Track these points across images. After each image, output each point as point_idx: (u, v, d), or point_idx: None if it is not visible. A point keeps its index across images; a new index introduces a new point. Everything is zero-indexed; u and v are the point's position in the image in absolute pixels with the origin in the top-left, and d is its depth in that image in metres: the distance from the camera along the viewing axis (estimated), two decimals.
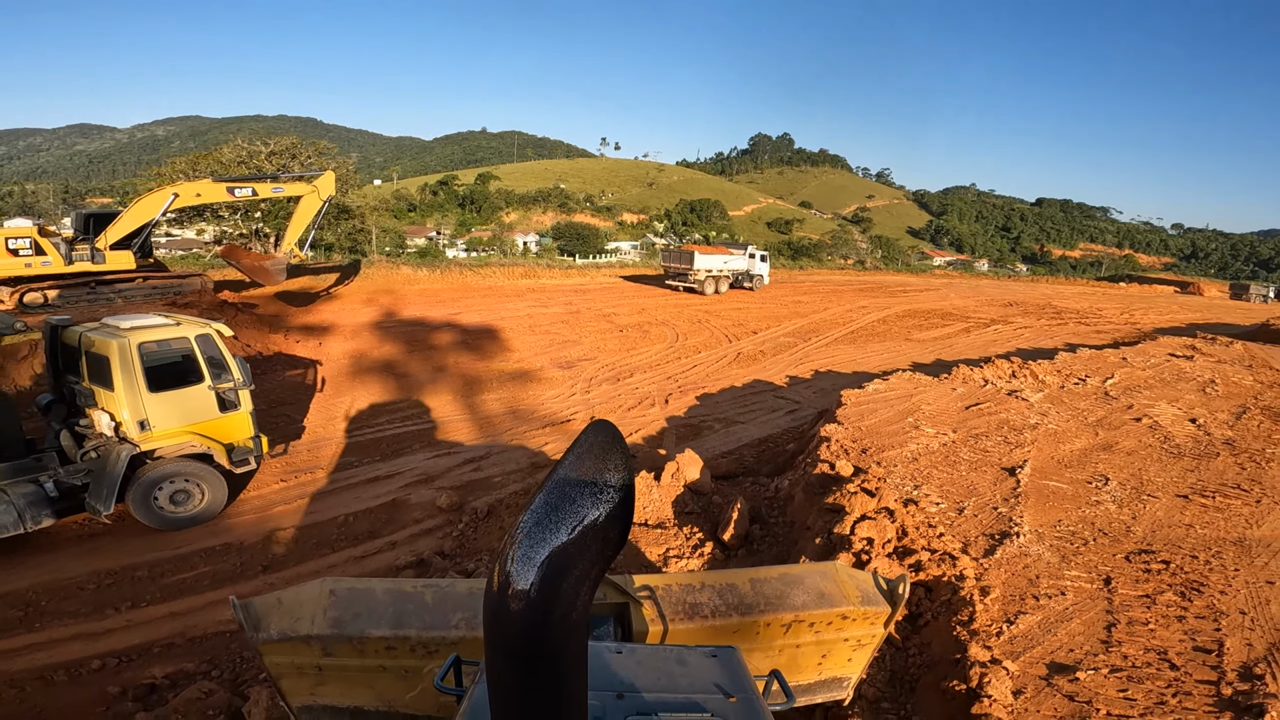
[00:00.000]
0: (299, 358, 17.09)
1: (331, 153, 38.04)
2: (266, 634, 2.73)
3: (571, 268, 42.43)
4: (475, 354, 18.35)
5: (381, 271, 32.42)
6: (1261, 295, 57.86)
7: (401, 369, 16.45)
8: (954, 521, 6.34)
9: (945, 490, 6.98)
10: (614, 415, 13.74)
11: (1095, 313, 39.39)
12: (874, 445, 8.08)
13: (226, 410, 8.80)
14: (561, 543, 1.07)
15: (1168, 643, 4.88)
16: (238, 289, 24.89)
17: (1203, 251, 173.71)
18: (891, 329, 27.07)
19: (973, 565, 5.54)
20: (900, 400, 10.17)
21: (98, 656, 6.46)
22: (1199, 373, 15.11)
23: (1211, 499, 7.41)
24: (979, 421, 9.37)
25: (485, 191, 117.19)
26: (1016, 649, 4.78)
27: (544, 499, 1.11)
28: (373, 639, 2.72)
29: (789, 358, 20.08)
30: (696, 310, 28.24)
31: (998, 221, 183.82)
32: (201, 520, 8.75)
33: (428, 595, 2.92)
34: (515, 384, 15.76)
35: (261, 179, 21.22)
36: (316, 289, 28.51)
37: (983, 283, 60.71)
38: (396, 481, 10.42)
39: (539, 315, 24.86)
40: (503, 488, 10.31)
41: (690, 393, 15.42)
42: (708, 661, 2.15)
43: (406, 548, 8.70)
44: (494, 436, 12.39)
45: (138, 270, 18.64)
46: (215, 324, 8.75)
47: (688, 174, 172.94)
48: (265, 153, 34.92)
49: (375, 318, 22.73)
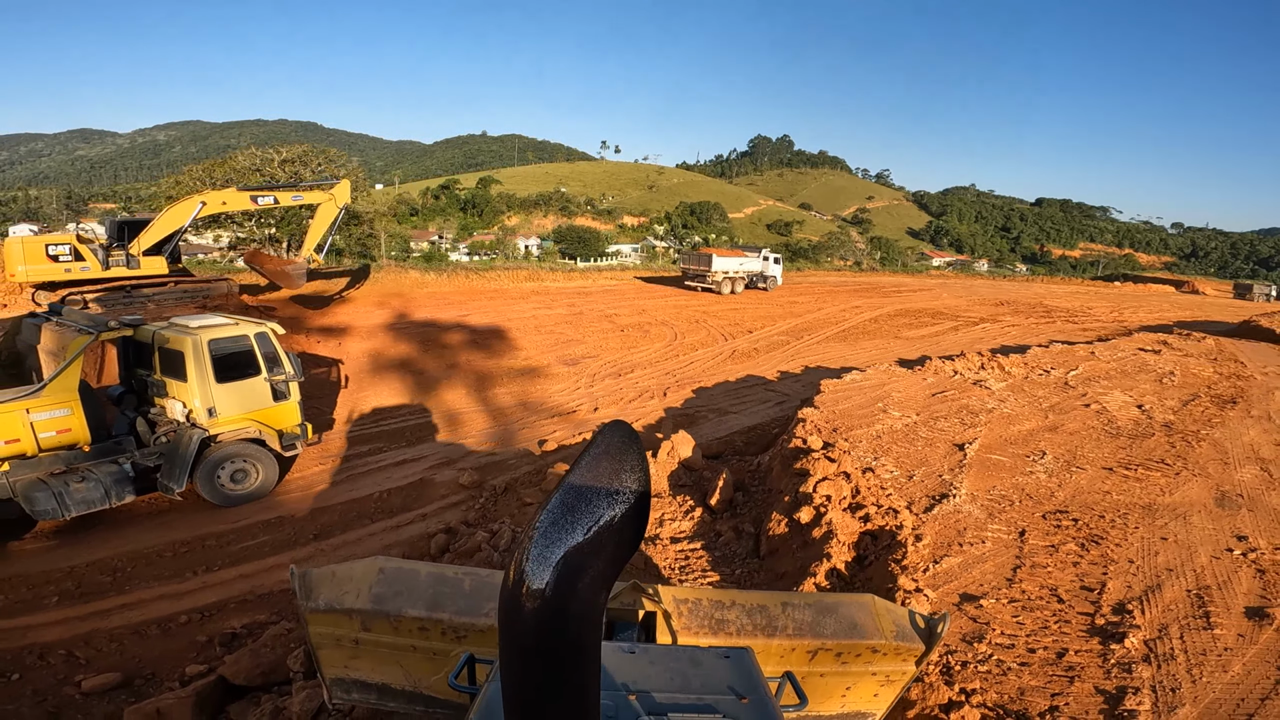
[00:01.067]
0: (322, 356, 18.30)
1: (340, 160, 39.33)
2: (315, 603, 2.88)
3: (574, 271, 43.66)
4: (485, 352, 19.56)
5: (390, 275, 33.64)
6: (1265, 294, 58.02)
7: (417, 366, 17.66)
8: (903, 485, 7.52)
9: (900, 461, 8.16)
10: (616, 407, 14.95)
11: (1085, 311, 40.37)
12: (844, 425, 9.26)
13: (279, 400, 10.00)
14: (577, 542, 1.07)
15: (1060, 582, 6.04)
16: (255, 293, 26.13)
17: (1202, 250, 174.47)
18: (882, 328, 28.22)
19: (912, 519, 6.71)
20: (874, 389, 11.36)
21: (184, 612, 7.57)
22: (1161, 365, 16.25)
23: (1134, 471, 8.59)
24: (941, 406, 10.55)
25: (487, 195, 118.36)
26: (937, 582, 5.95)
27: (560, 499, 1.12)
28: (408, 618, 2.82)
29: (781, 355, 21.27)
30: (695, 311, 29.44)
31: (997, 222, 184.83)
32: (257, 497, 9.97)
33: (466, 582, 3.04)
34: (524, 379, 16.97)
35: (283, 188, 22.44)
36: (330, 292, 29.73)
37: (976, 283, 61.68)
38: (422, 464, 11.62)
39: (544, 316, 26.07)
40: (517, 468, 11.50)
41: (687, 386, 16.63)
42: (721, 662, 2.16)
43: (436, 519, 9.88)
44: (507, 425, 13.59)
45: (169, 275, 19.87)
46: (270, 323, 9.96)
47: (688, 176, 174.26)
48: (277, 160, 36.20)
49: (388, 319, 23.95)
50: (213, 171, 34.33)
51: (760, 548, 7.35)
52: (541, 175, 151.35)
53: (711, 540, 7.84)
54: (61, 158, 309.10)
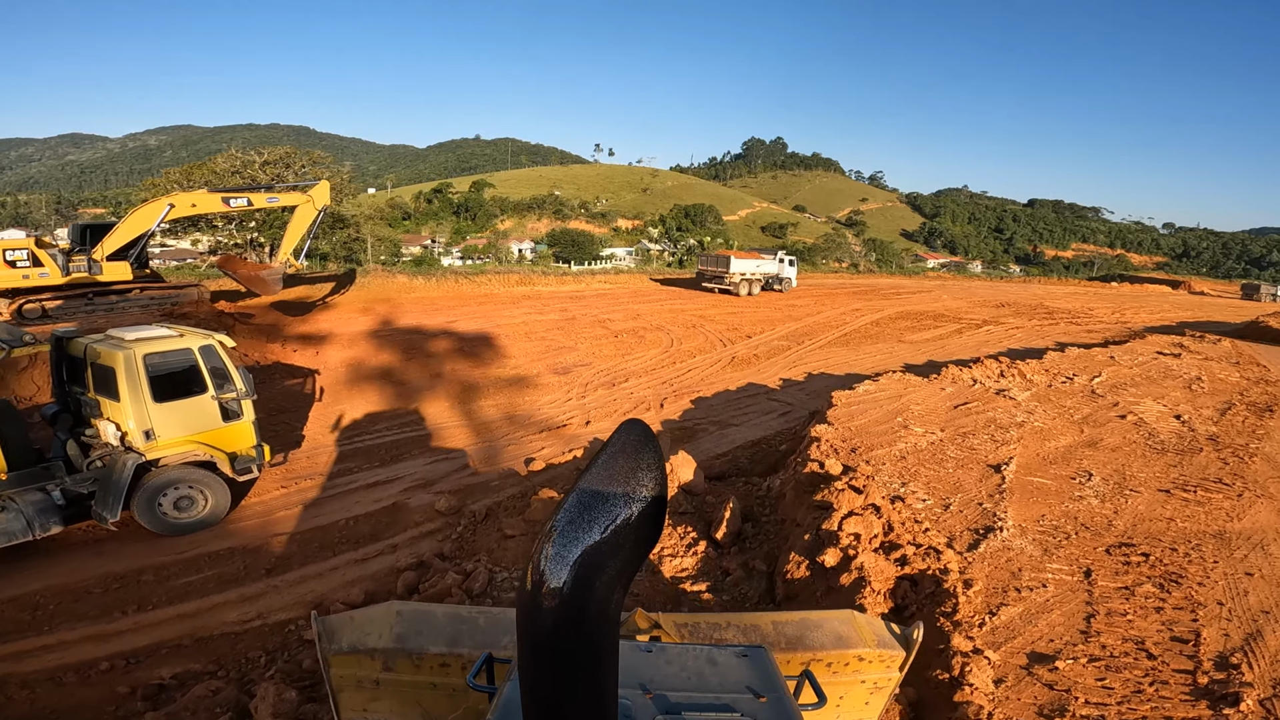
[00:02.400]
0: (297, 367, 17.22)
1: (326, 162, 38.25)
2: (338, 646, 2.90)
3: (567, 275, 42.66)
4: (472, 361, 18.51)
5: (377, 280, 32.57)
6: (1272, 294, 58.44)
7: (399, 377, 16.60)
8: (940, 517, 6.52)
9: (932, 487, 7.17)
10: (610, 420, 13.92)
11: (1087, 312, 39.76)
12: (863, 444, 8.27)
13: (230, 420, 8.94)
14: (594, 541, 1.08)
15: (1145, 633, 5.07)
16: (234, 299, 25.01)
17: (1194, 250, 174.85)
18: (885, 331, 27.32)
19: (957, 559, 5.72)
20: (890, 401, 10.38)
21: (107, 658, 6.62)
22: (1186, 370, 15.36)
23: (1193, 493, 7.62)
24: (966, 420, 9.58)
25: (480, 199, 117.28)
26: (998, 639, 4.96)
27: (577, 498, 1.13)
28: (430, 655, 2.89)
29: (783, 361, 20.29)
30: (691, 315, 28.46)
31: (990, 223, 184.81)
32: (206, 525, 8.91)
33: (481, 620, 3.11)
34: (512, 390, 15.92)
35: (257, 189, 21.42)
36: (313, 298, 28.64)
37: (975, 284, 61.07)
38: (396, 486, 10.56)
39: (535, 322, 25.03)
40: (500, 491, 10.46)
41: (685, 396, 15.62)
42: (738, 661, 2.15)
43: (407, 550, 8.84)
44: (491, 442, 12.54)
45: (134, 281, 18.78)
46: (218, 335, 8.90)
47: (682, 179, 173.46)
48: (259, 162, 35.09)
49: (372, 326, 22.87)
50: (191, 174, 33.25)
51: (775, 590, 6.35)
52: (535, 179, 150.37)
53: (718, 580, 6.84)
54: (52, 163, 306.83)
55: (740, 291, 36.42)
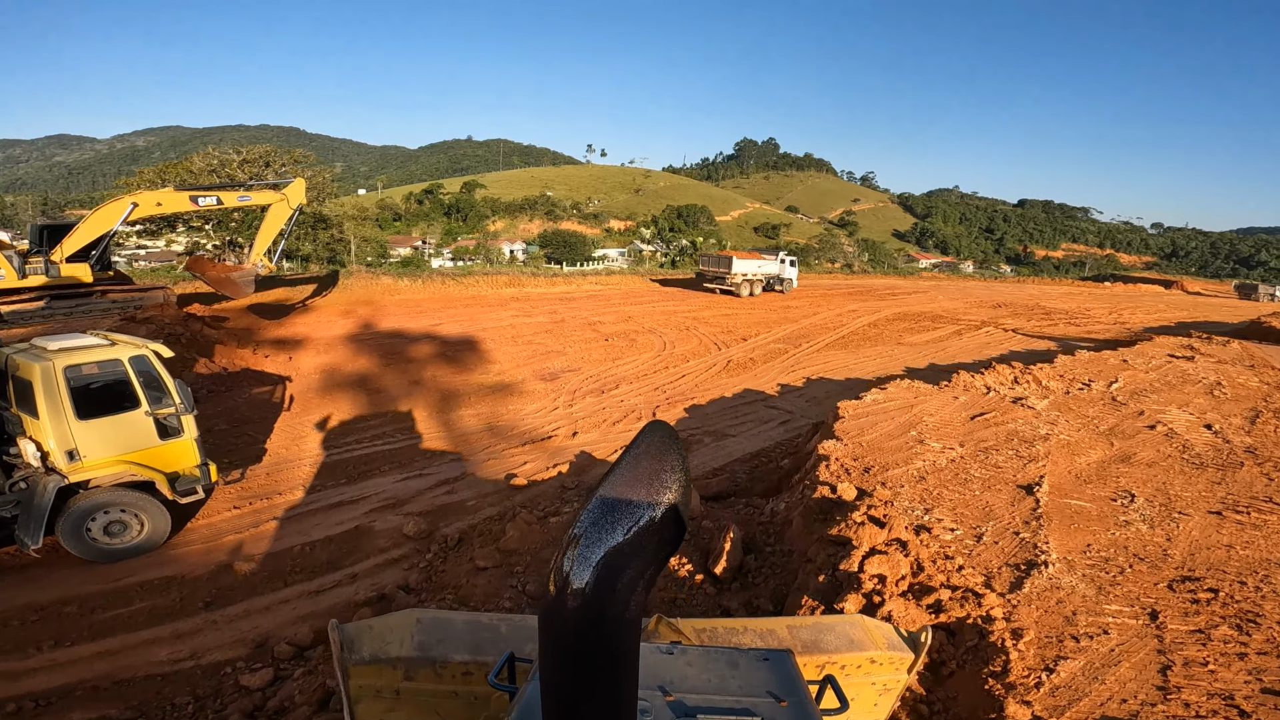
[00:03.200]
0: (267, 373, 16.24)
1: (308, 160, 37.17)
2: (359, 656, 2.82)
3: (558, 276, 41.73)
4: (454, 366, 17.58)
5: (361, 282, 31.57)
6: (1270, 294, 58.89)
7: (375, 384, 15.65)
8: (973, 550, 5.69)
9: (959, 514, 6.33)
10: (598, 431, 13.04)
11: (1084, 313, 39.31)
12: (877, 463, 7.43)
13: (168, 437, 8.00)
14: (617, 542, 1.07)
15: (1232, 685, 4.25)
16: (210, 302, 23.99)
17: (1183, 250, 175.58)
18: (883, 333, 26.58)
19: (1000, 603, 4.88)
20: (901, 411, 9.55)
21: (14, 699, 5.82)
22: (1203, 374, 14.65)
23: (1246, 514, 6.82)
24: (987, 433, 8.76)
25: (471, 200, 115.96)
26: (1060, 702, 4.12)
27: (600, 500, 1.12)
28: (453, 663, 2.84)
29: (780, 365, 19.46)
30: (684, 317, 27.62)
31: (981, 223, 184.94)
32: (142, 551, 7.99)
33: (503, 627, 3.07)
34: (494, 398, 15.00)
35: (227, 187, 20.42)
36: (292, 301, 27.63)
37: (970, 284, 60.70)
38: (361, 507, 9.64)
39: (522, 325, 24.11)
40: (476, 512, 9.55)
41: (678, 404, 14.74)
42: (759, 665, 2.11)
43: (368, 580, 7.94)
44: (470, 456, 11.63)
45: (95, 284, 17.75)
46: (153, 344, 7.96)
47: (674, 180, 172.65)
48: (238, 161, 33.99)
49: (352, 330, 21.89)
50: (165, 173, 32.11)
51: None
52: (527, 179, 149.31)
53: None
54: (39, 164, 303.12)
55: (742, 292, 36.17)
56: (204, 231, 33.90)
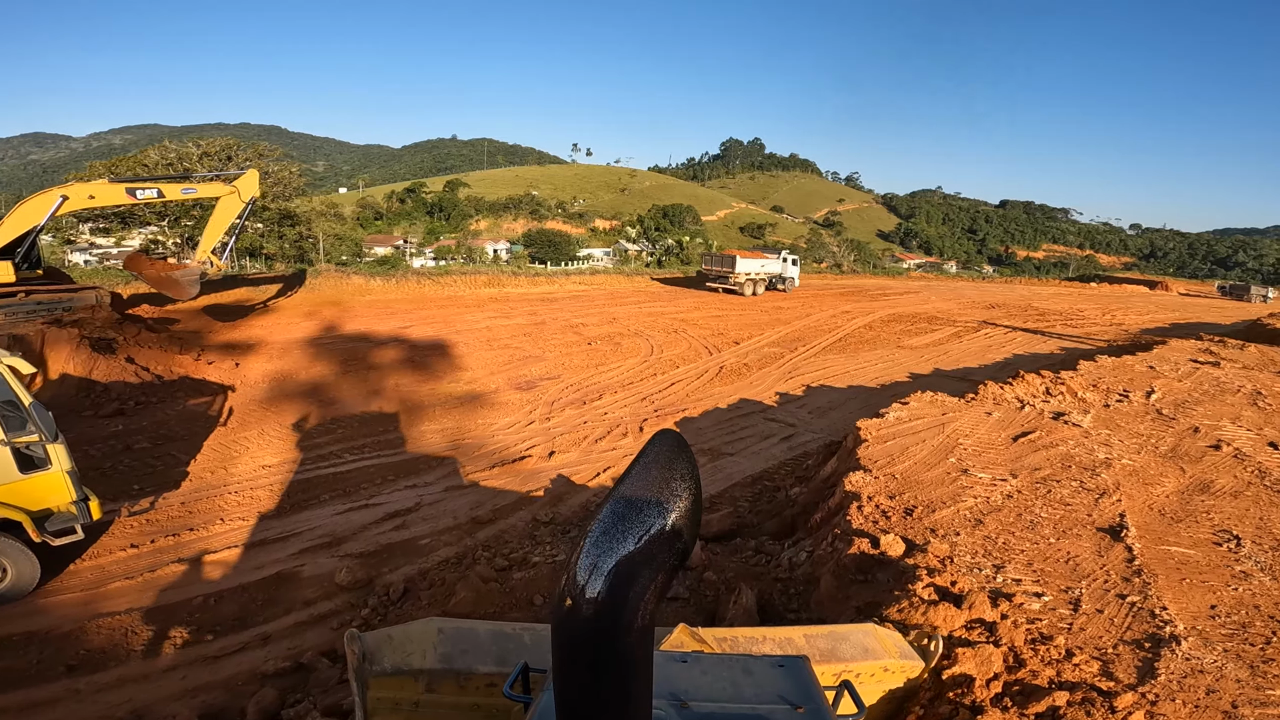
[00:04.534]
0: (208, 382, 14.52)
1: (274, 155, 35.25)
2: (380, 667, 2.70)
3: (539, 276, 40.09)
4: (420, 374, 15.95)
5: (329, 282, 29.79)
6: (1262, 296, 60.76)
7: (329, 394, 13.99)
8: (1073, 623, 4.27)
9: (1039, 571, 4.91)
10: (579, 450, 11.50)
11: (1077, 314, 38.61)
12: (919, 502, 6.01)
13: (32, 470, 6.39)
14: (628, 552, 1.06)
15: None
16: (162, 303, 22.14)
17: (1161, 251, 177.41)
18: (880, 335, 25.33)
19: (1136, 702, 3.46)
20: (931, 432, 8.14)
21: None
22: (1237, 383, 13.48)
23: None
24: (1037, 458, 7.38)
25: (454, 199, 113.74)
26: None
27: (611, 509, 1.11)
28: (478, 675, 2.76)
29: (776, 371, 18.06)
30: (672, 319, 26.16)
31: (964, 224, 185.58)
32: (4, 602, 6.44)
33: (526, 637, 2.98)
34: (463, 410, 13.41)
35: (169, 179, 18.63)
36: (253, 301, 25.82)
37: (959, 284, 60.08)
38: (290, 546, 8.04)
39: (499, 327, 22.51)
40: (430, 553, 8.01)
41: (668, 417, 13.24)
42: (774, 671, 2.07)
43: (283, 644, 6.38)
44: (428, 482, 10.05)
45: (17, 283, 15.93)
46: (7, 359, 6.33)
47: (660, 179, 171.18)
48: (197, 154, 32.05)
49: (312, 333, 20.16)
50: (116, 167, 30.12)
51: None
52: (512, 179, 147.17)
53: None
54: (14, 162, 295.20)
55: (745, 291, 35.95)
56: (159, 228, 31.91)
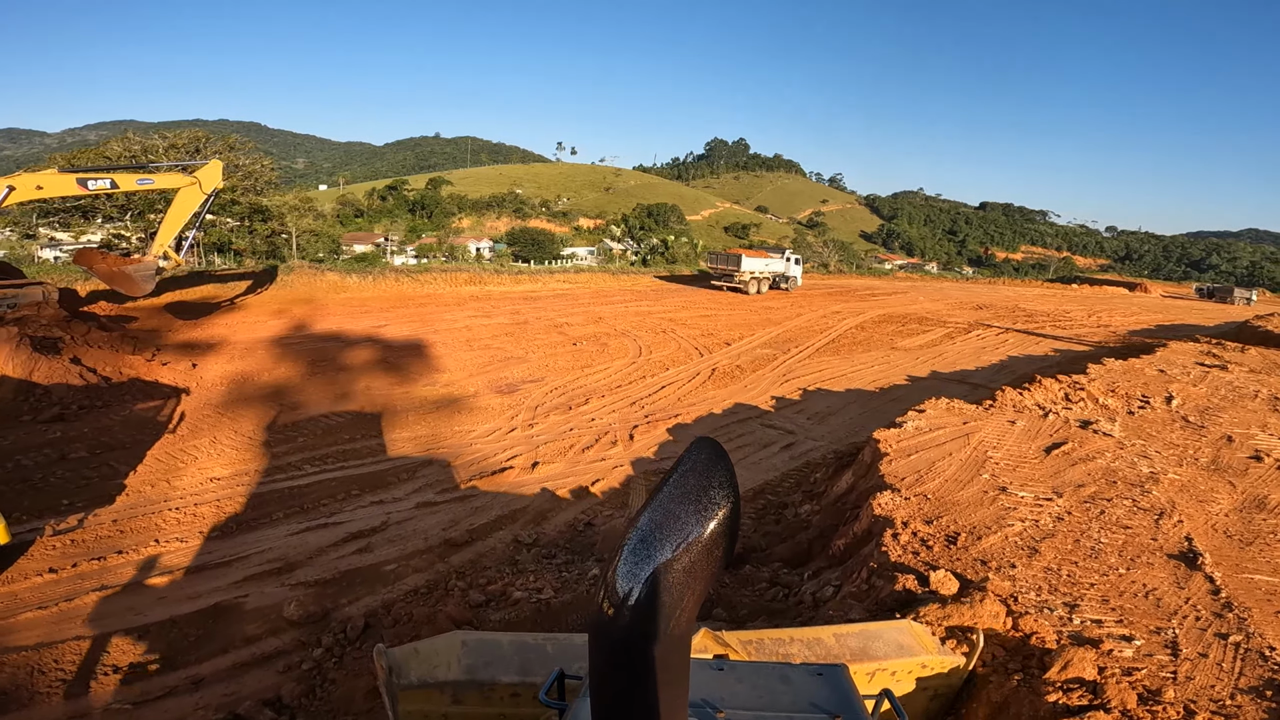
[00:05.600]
0: (161, 385, 13.41)
1: (245, 148, 33.84)
2: (406, 680, 2.72)
3: (522, 274, 39.03)
4: (394, 376, 14.95)
5: (302, 278, 28.55)
6: (1245, 299, 63.02)
7: (292, 398, 12.95)
8: (1177, 672, 3.50)
9: (1118, 608, 4.14)
10: (565, 460, 10.60)
11: (1064, 315, 38.56)
12: (960, 527, 5.22)
13: None
14: (666, 559, 1.06)
15: None
16: (121, 300, 20.86)
17: (1136, 253, 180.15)
18: (872, 336, 24.73)
19: None
20: (955, 443, 7.38)
21: None
22: (1249, 386, 12.98)
23: None
24: (1077, 473, 6.64)
25: (437, 197, 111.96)
26: None
27: (649, 516, 1.11)
28: (502, 685, 2.77)
29: (771, 373, 17.29)
30: (660, 318, 25.33)
31: (945, 225, 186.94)
32: None
33: (549, 647, 2.99)
34: (439, 416, 12.45)
35: (124, 169, 17.46)
36: (220, 298, 24.57)
37: (945, 285, 60.09)
38: (233, 572, 7.07)
39: (479, 327, 21.51)
40: (398, 581, 7.08)
41: (660, 423, 12.39)
42: (812, 680, 2.05)
43: (218, 688, 5.44)
44: (398, 496, 9.10)
45: None
46: None
47: (645, 179, 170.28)
48: (163, 147, 30.59)
49: (280, 332, 19.04)
50: (76, 159, 28.61)
51: None
52: (495, 177, 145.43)
53: None
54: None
55: (750, 289, 36.81)
56: (123, 223, 30.41)
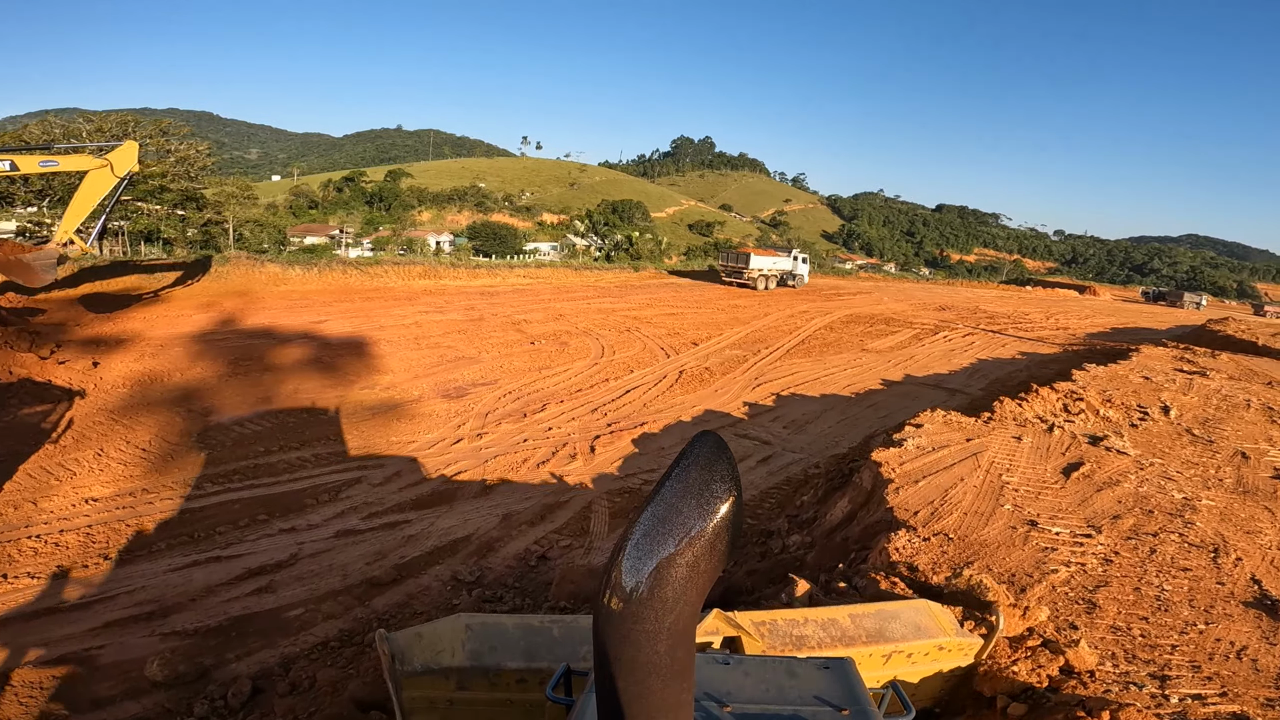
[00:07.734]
0: (54, 387, 11.68)
1: (179, 132, 31.40)
2: (411, 667, 2.70)
3: (480, 267, 37.37)
4: (328, 377, 13.45)
5: (239, 270, 26.43)
6: (1195, 303, 65.96)
7: (204, 402, 11.39)
8: None
9: (1216, 677, 3.18)
10: (519, 475, 9.35)
11: (1024, 317, 38.97)
12: (995, 574, 4.24)
13: None
14: (669, 554, 1.07)
15: None
16: (27, 292, 18.69)
17: (1082, 256, 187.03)
18: (842, 338, 24.09)
19: None
20: (964, 465, 6.45)
21: None
22: (1237, 395, 12.64)
23: None
24: (1105, 501, 5.77)
25: (396, 189, 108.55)
26: None
27: (651, 511, 1.11)
28: (507, 671, 2.74)
29: (741, 376, 16.33)
30: (624, 316, 24.19)
31: (903, 226, 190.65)
32: None
33: (555, 630, 2.94)
34: (375, 423, 11.06)
35: (24, 150, 15.64)
36: (142, 290, 22.42)
37: (907, 286, 60.69)
38: (93, 616, 5.66)
39: (430, 323, 20.02)
40: (303, 631, 5.78)
41: (624, 433, 11.23)
42: (819, 673, 2.03)
43: None
44: (314, 523, 7.74)
45: None
46: None
47: (610, 175, 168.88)
48: (88, 130, 28.07)
49: (204, 327, 17.26)
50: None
51: None
52: (458, 170, 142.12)
53: None
54: None
55: (758, 286, 38.80)
56: (40, 209, 27.79)
